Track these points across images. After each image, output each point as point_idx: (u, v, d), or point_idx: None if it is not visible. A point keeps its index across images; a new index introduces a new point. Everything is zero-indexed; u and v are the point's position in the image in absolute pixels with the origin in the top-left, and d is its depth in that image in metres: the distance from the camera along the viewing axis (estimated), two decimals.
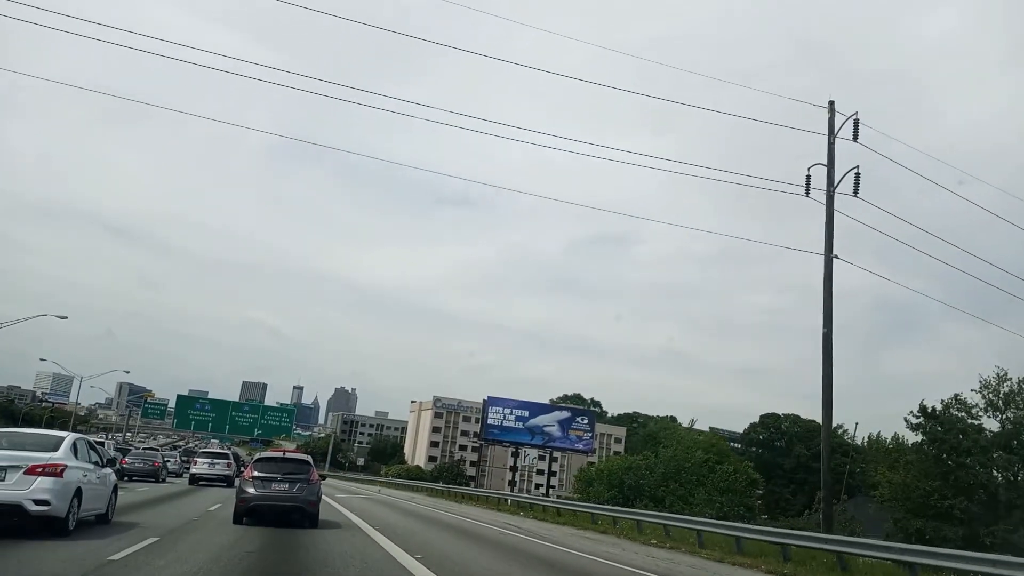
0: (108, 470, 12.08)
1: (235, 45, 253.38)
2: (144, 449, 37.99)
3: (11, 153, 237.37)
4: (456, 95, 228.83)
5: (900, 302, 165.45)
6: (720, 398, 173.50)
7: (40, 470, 9.42)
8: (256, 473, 13.79)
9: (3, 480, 9.27)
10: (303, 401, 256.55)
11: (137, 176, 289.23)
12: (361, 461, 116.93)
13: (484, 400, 62.37)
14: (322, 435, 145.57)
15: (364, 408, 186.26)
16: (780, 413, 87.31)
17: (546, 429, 60.57)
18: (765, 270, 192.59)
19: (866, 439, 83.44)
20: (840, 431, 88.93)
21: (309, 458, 15.65)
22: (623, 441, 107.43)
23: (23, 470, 9.35)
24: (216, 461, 31.55)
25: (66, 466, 9.73)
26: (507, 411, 60.84)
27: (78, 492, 10.00)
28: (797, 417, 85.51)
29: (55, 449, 10.04)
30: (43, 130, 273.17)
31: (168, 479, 31.48)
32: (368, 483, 63.40)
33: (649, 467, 52.38)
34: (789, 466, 76.70)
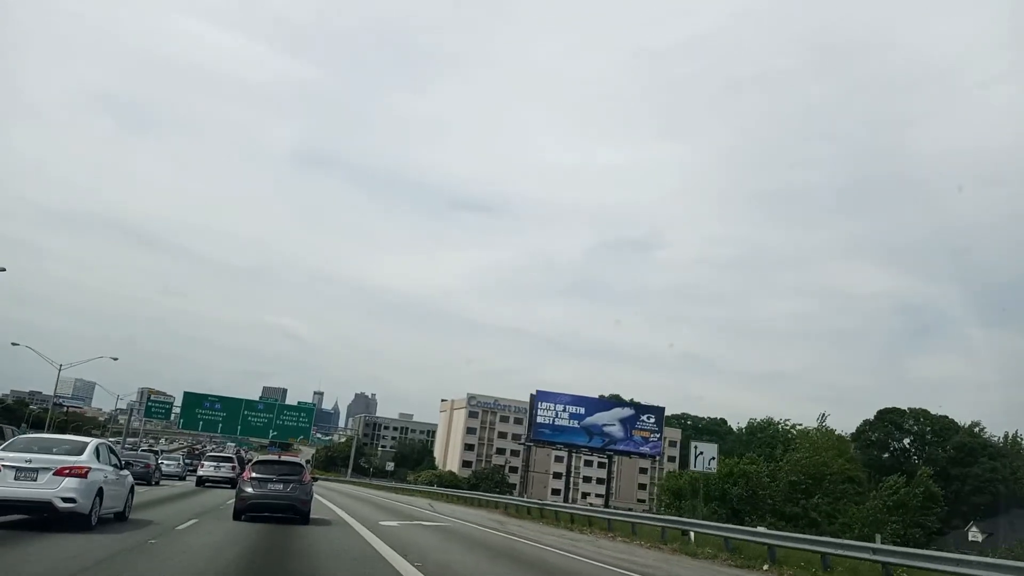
0: (125, 472, 15.18)
1: (257, 53, 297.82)
2: (141, 451, 42.16)
3: (35, 161, 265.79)
4: (470, 100, 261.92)
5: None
6: (739, 400, 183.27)
7: (67, 471, 12.33)
8: (254, 474, 17.27)
9: (35, 480, 12.18)
10: (323, 406, 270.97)
11: (159, 183, 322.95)
12: (391, 466, 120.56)
13: (532, 395, 61.15)
14: (343, 439, 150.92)
15: (384, 413, 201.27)
16: (904, 408, 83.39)
17: (606, 429, 59.05)
18: (785, 275, 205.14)
19: (1002, 439, 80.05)
20: (978, 429, 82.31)
21: (303, 460, 19.22)
22: (678, 444, 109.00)
23: (52, 471, 12.26)
24: (221, 464, 38.18)
25: (90, 468, 12.68)
26: (560, 408, 59.51)
27: (100, 492, 12.95)
28: (925, 412, 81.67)
29: (80, 453, 13.00)
30: (66, 139, 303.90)
31: (163, 482, 35.66)
32: (404, 492, 60.60)
33: (772, 475, 48.39)
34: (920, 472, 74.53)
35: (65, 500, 12.18)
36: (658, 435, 61.23)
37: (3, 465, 12.16)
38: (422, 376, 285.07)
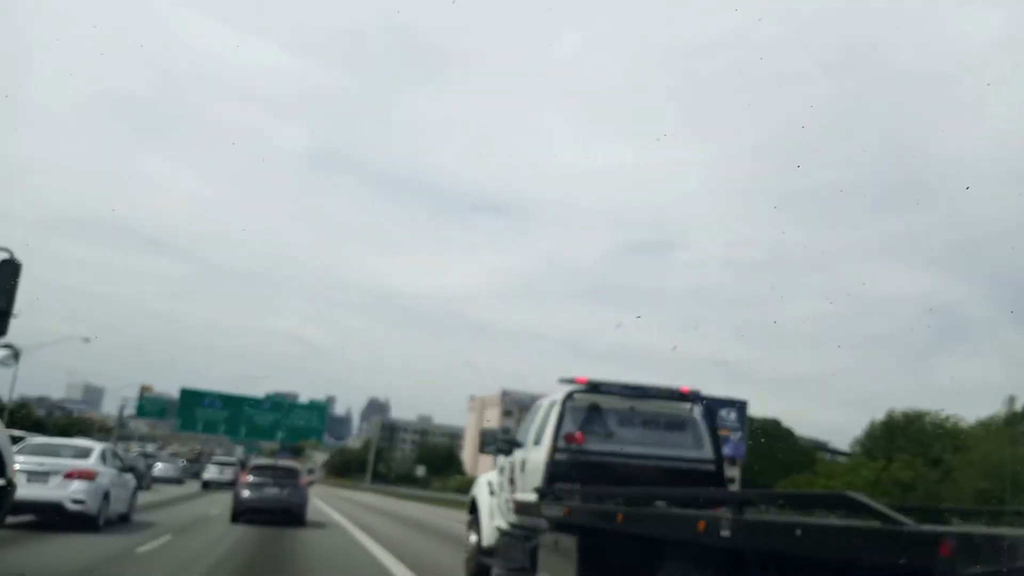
0: (129, 475, 18.06)
1: (268, 55, 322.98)
2: (136, 454, 46.46)
3: (46, 165, 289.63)
4: (489, 100, 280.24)
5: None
6: (759, 405, 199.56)
7: (77, 475, 15.12)
8: (251, 478, 20.68)
9: (46, 483, 15.02)
10: (335, 412, 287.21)
11: (171, 188, 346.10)
12: (421, 471, 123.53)
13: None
14: (358, 446, 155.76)
15: (399, 417, 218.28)
16: None
17: None
18: (811, 277, 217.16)
19: None
20: None
21: (298, 465, 23.39)
22: None
23: (63, 474, 15.08)
24: (225, 468, 46.54)
25: (97, 472, 15.48)
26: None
27: (107, 494, 15.73)
28: None
29: (87, 457, 15.80)
30: (82, 143, 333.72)
31: (155, 486, 40.11)
32: (456, 506, 43.57)
33: (939, 480, 43.43)
34: None
35: (75, 502, 15.01)
36: (740, 433, 59.65)
37: (17, 468, 14.99)
38: (437, 380, 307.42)
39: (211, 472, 47.14)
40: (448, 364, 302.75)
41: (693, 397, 10.24)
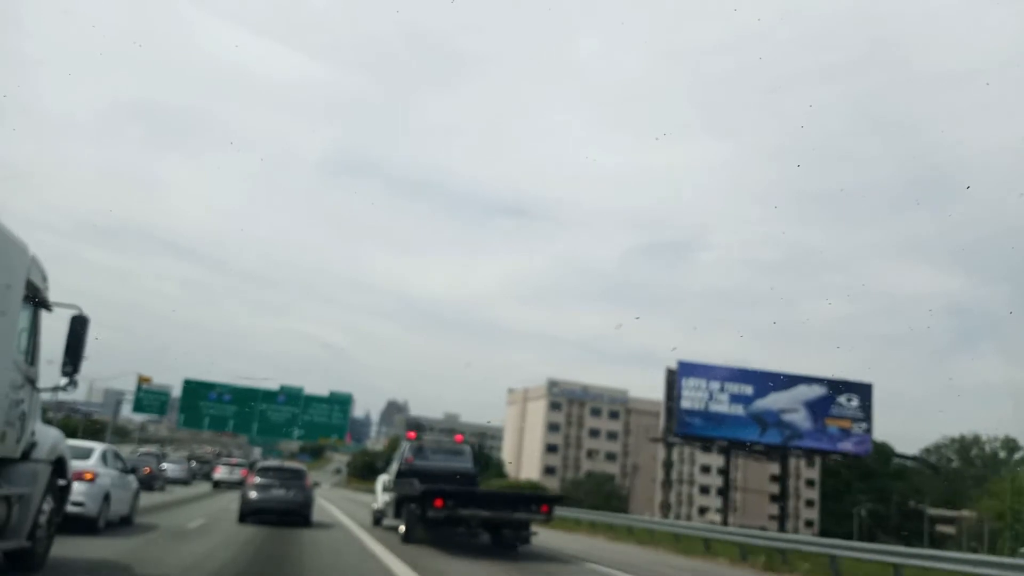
0: (131, 477, 19.67)
1: (284, 57, 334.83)
2: (141, 454, 49.40)
3: (63, 171, 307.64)
4: (505, 102, 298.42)
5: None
6: None
7: (75, 476, 16.58)
8: (258, 479, 23.38)
9: None
10: (355, 414, 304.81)
11: (188, 192, 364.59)
12: None
13: (672, 370, 55.58)
14: (380, 446, 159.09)
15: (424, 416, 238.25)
16: None
17: (785, 417, 55.37)
18: (832, 278, 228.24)
19: None
20: None
21: (304, 467, 26.12)
22: None
23: None
24: (235, 469, 55.20)
25: (97, 473, 17.00)
26: (715, 387, 55.09)
27: (107, 496, 17.26)
28: None
29: (87, 458, 17.34)
30: (101, 148, 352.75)
31: (168, 487, 44.49)
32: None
33: None
34: None
35: (74, 504, 16.39)
36: (865, 425, 56.23)
37: None
38: (454, 381, 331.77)
39: (221, 472, 55.68)
40: (463, 366, 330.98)
41: (466, 440, 26.73)
